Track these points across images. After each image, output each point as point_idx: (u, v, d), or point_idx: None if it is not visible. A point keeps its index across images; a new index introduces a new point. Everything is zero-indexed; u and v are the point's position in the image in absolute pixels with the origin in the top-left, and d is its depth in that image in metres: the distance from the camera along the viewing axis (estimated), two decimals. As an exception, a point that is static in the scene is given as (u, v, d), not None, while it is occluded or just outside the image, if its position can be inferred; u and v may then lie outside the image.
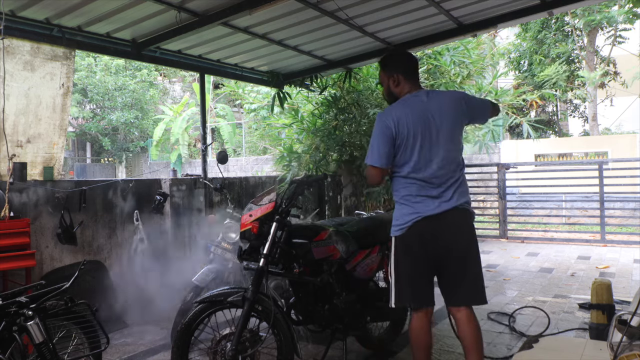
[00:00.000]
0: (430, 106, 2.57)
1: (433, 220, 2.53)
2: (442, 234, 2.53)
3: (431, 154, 2.54)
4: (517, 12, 4.61)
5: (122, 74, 20.43)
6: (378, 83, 6.90)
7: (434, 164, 2.54)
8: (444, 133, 2.55)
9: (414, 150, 2.54)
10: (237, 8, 3.91)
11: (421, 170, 2.54)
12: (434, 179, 2.54)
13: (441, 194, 2.54)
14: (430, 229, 2.53)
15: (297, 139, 7.24)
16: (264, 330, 2.62)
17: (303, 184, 2.90)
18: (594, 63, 16.73)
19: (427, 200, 2.54)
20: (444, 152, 2.55)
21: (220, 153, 3.93)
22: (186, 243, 5.02)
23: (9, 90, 3.93)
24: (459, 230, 2.57)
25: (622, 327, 2.52)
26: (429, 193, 2.55)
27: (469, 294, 2.57)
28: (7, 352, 2.17)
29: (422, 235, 2.54)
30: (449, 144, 2.57)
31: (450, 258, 2.56)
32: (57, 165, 4.34)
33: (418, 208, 2.55)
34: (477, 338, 2.56)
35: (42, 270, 3.99)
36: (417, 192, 2.56)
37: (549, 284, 5.43)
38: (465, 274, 2.56)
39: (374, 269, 3.28)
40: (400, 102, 2.66)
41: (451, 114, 2.58)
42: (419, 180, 2.55)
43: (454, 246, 2.55)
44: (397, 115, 2.56)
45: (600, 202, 8.12)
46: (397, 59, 2.79)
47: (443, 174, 2.55)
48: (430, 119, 2.55)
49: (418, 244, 2.55)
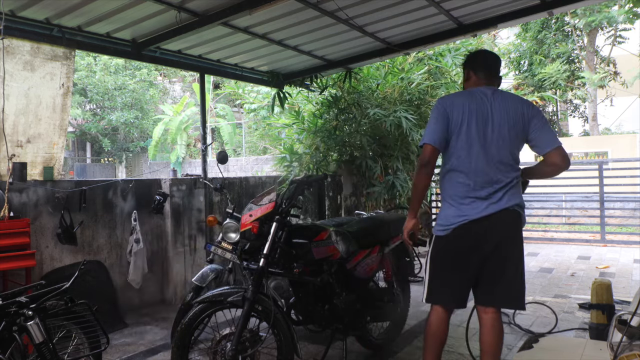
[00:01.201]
0: (494, 103, 2.50)
1: (479, 224, 2.45)
2: (488, 237, 2.46)
3: (483, 150, 2.45)
4: (517, 12, 4.61)
5: (121, 74, 20.43)
6: (378, 84, 6.97)
7: (484, 160, 2.45)
8: (500, 132, 2.46)
9: (465, 141, 2.46)
10: (237, 8, 3.91)
11: (469, 164, 2.46)
12: (482, 176, 2.46)
13: (490, 195, 2.46)
14: (476, 233, 2.46)
15: (297, 139, 7.24)
16: (264, 330, 2.62)
17: (303, 184, 2.90)
18: (594, 63, 16.73)
19: (476, 202, 2.46)
20: (496, 151, 2.45)
21: (220, 153, 3.92)
22: (186, 243, 5.02)
23: (9, 90, 3.93)
24: (506, 232, 2.48)
25: (622, 327, 2.52)
26: (477, 194, 2.46)
27: (504, 295, 2.51)
28: (7, 352, 2.17)
29: (468, 238, 2.48)
30: (504, 144, 2.47)
31: (494, 258, 2.49)
32: (57, 165, 4.34)
33: (465, 210, 2.47)
34: (498, 344, 2.52)
35: (42, 270, 3.99)
36: (465, 193, 2.48)
37: (549, 284, 5.43)
38: (504, 275, 2.49)
39: (374, 269, 3.28)
40: (463, 92, 2.63)
41: (512, 117, 2.48)
42: (466, 176, 2.47)
43: (500, 247, 2.48)
44: (454, 101, 2.52)
45: (600, 202, 8.12)
46: (473, 55, 2.77)
47: (493, 174, 2.46)
48: (488, 114, 2.47)
49: (463, 247, 2.50)
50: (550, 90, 16.05)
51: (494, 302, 2.54)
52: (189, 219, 5.05)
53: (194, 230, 5.09)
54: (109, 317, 4.23)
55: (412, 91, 6.90)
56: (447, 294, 2.57)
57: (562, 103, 19.07)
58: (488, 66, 2.66)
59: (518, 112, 2.50)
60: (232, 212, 3.60)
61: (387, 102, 6.87)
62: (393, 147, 6.91)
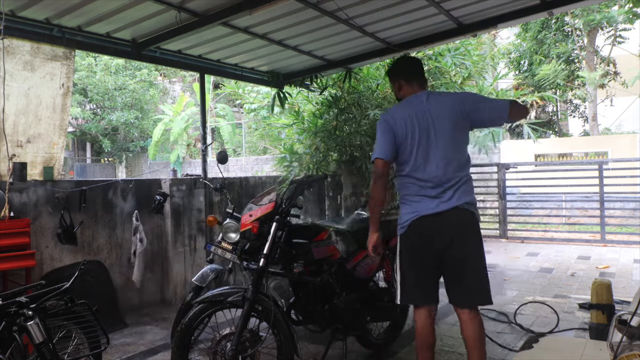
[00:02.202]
0: (430, 107, 2.61)
1: (431, 220, 2.55)
2: (441, 233, 2.54)
3: (429, 154, 2.56)
4: (517, 12, 4.61)
5: (122, 74, 20.43)
6: (378, 84, 6.97)
7: (432, 164, 2.56)
8: (443, 133, 2.56)
9: (412, 150, 2.58)
10: (237, 8, 3.90)
11: (419, 169, 2.58)
12: (432, 178, 2.56)
13: (440, 194, 2.55)
14: (428, 228, 2.55)
15: (297, 139, 7.24)
16: (264, 330, 2.62)
17: (303, 184, 2.90)
18: (594, 63, 16.73)
19: (426, 199, 2.57)
20: (442, 152, 2.56)
21: (220, 153, 3.92)
22: (186, 243, 5.02)
23: (9, 90, 3.93)
24: (459, 231, 2.55)
25: (622, 327, 2.53)
26: (427, 193, 2.57)
27: (470, 294, 2.57)
28: (7, 352, 2.17)
29: (421, 233, 2.57)
30: (449, 144, 2.57)
31: (450, 258, 2.56)
32: (57, 165, 4.34)
33: (416, 207, 2.59)
34: (479, 338, 2.57)
35: (42, 270, 3.99)
36: (416, 192, 2.60)
37: (549, 284, 5.43)
38: (465, 275, 2.55)
39: (374, 268, 3.28)
40: (401, 103, 2.72)
41: (451, 115, 2.59)
42: (418, 179, 2.58)
43: (453, 246, 2.54)
44: (396, 115, 2.63)
45: (600, 202, 8.12)
46: (397, 65, 2.87)
47: (442, 174, 2.55)
48: (428, 119, 2.58)
49: (418, 243, 2.59)
50: (550, 90, 16.04)
51: (463, 302, 2.59)
52: (189, 219, 5.05)
53: (194, 230, 5.09)
54: (109, 317, 4.23)
55: (412, 91, 6.89)
56: (416, 292, 2.64)
57: (562, 103, 19.07)
58: (414, 72, 2.76)
59: (455, 109, 2.61)
60: (232, 212, 3.60)
61: (387, 102, 6.86)
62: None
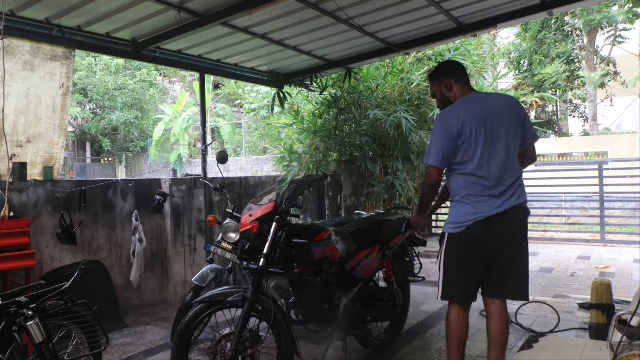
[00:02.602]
0: (493, 106, 2.64)
1: (495, 219, 2.57)
2: (503, 231, 2.58)
3: (493, 153, 2.58)
4: (517, 12, 4.61)
5: (122, 74, 20.42)
6: (378, 84, 6.97)
7: (497, 162, 2.58)
8: (506, 133, 2.60)
9: (477, 149, 2.57)
10: (237, 8, 3.91)
11: (483, 168, 2.58)
12: (495, 177, 2.58)
13: (503, 193, 2.58)
14: (492, 228, 2.58)
15: (297, 139, 7.24)
16: (264, 330, 2.62)
17: (303, 184, 2.90)
18: (594, 63, 16.74)
19: (491, 199, 2.58)
20: (505, 151, 2.59)
21: (220, 153, 3.92)
22: (186, 243, 5.02)
23: (9, 90, 3.93)
24: (517, 228, 2.63)
25: (622, 327, 2.52)
26: (492, 193, 2.58)
27: (513, 288, 2.65)
28: (7, 352, 2.17)
29: (484, 233, 2.58)
30: (509, 143, 2.61)
31: (504, 253, 2.61)
32: (57, 165, 4.34)
33: (481, 208, 2.58)
34: (505, 334, 2.68)
35: (42, 270, 3.99)
36: (480, 192, 2.59)
37: (549, 284, 5.43)
38: (515, 268, 2.63)
39: (374, 268, 3.28)
40: (460, 103, 2.70)
41: (513, 116, 2.63)
42: (482, 178, 2.59)
43: (511, 242, 2.61)
44: (459, 114, 2.60)
45: (600, 202, 8.12)
46: (445, 66, 2.89)
47: (504, 173, 2.58)
48: (493, 118, 2.60)
49: (477, 243, 2.60)
50: (550, 91, 16.05)
51: (503, 294, 2.67)
52: (189, 219, 5.05)
53: (194, 230, 5.09)
54: (109, 317, 4.23)
55: (412, 91, 6.90)
56: (461, 290, 2.68)
57: (562, 103, 19.07)
58: (463, 72, 2.80)
59: (516, 112, 2.66)
60: (232, 212, 3.60)
61: (387, 102, 6.87)
62: (393, 148, 6.91)
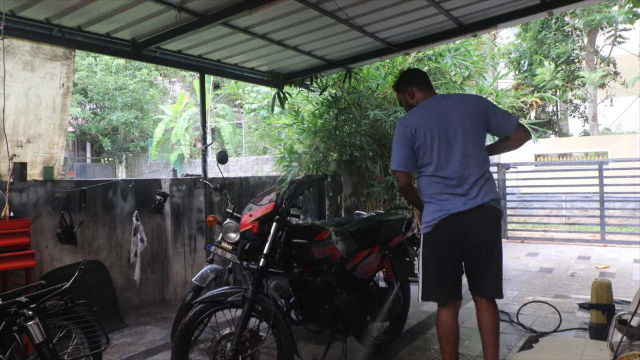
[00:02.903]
0: (448, 107, 2.70)
1: (460, 217, 2.61)
2: (470, 230, 2.62)
3: (451, 152, 2.64)
4: (517, 12, 4.61)
5: (122, 74, 20.42)
6: (378, 84, 6.97)
7: (455, 160, 2.63)
8: (463, 132, 2.65)
9: (434, 150, 2.65)
10: (237, 8, 3.91)
11: (443, 168, 2.65)
12: (455, 174, 2.63)
13: (467, 192, 2.62)
14: (458, 226, 2.62)
15: (297, 139, 7.23)
16: (264, 330, 2.62)
17: (303, 184, 2.90)
18: (594, 63, 16.73)
19: (454, 197, 2.63)
20: (463, 150, 2.63)
21: (220, 153, 3.92)
22: (186, 243, 5.02)
23: (9, 90, 3.93)
24: (486, 227, 2.64)
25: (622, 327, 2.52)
26: (454, 191, 2.63)
27: (490, 287, 2.71)
28: (7, 352, 2.17)
29: (450, 231, 2.63)
30: (469, 142, 2.65)
31: (476, 253, 2.66)
32: (57, 165, 4.34)
33: (445, 205, 2.64)
34: (495, 325, 2.72)
35: (42, 270, 3.99)
36: (443, 190, 2.66)
37: (549, 284, 5.43)
38: (489, 269, 2.68)
39: (374, 268, 3.28)
40: (417, 107, 2.79)
41: (470, 114, 2.68)
42: (443, 178, 2.65)
43: (481, 242, 2.64)
44: (414, 119, 2.70)
45: (600, 202, 8.12)
46: (406, 75, 2.97)
47: (465, 171, 2.63)
48: (448, 119, 2.66)
49: (445, 241, 2.66)
50: (549, 91, 16.05)
51: (484, 294, 2.73)
52: (189, 219, 5.05)
53: (194, 230, 5.08)
54: (109, 317, 4.24)
55: (412, 91, 6.89)
56: (439, 291, 2.72)
57: (562, 103, 19.07)
58: (424, 78, 2.90)
59: (475, 109, 2.71)
60: (232, 212, 3.60)
61: (387, 102, 6.86)
62: (393, 148, 6.90)
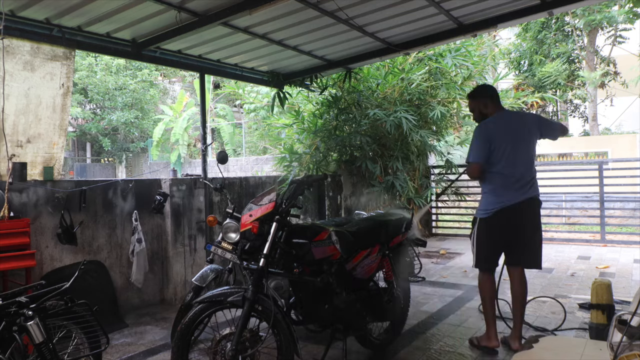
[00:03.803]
0: (513, 122, 3.52)
1: (513, 208, 3.39)
2: (520, 216, 3.41)
3: (515, 157, 3.41)
4: (517, 12, 4.62)
5: (122, 74, 20.43)
6: (378, 84, 6.97)
7: (518, 165, 3.41)
8: (523, 142, 3.45)
9: (503, 154, 3.40)
10: (237, 8, 3.91)
11: (508, 168, 3.40)
12: (517, 175, 3.40)
13: (520, 188, 3.41)
14: (510, 215, 3.40)
15: (297, 139, 7.24)
16: (264, 330, 2.62)
17: (303, 184, 2.90)
18: (594, 63, 16.73)
19: (510, 192, 3.40)
20: (523, 157, 3.44)
21: (220, 153, 3.92)
22: (186, 243, 5.02)
23: (9, 90, 3.93)
24: (532, 214, 3.46)
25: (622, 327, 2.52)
26: (512, 187, 3.40)
27: (531, 257, 3.48)
28: (7, 352, 2.17)
29: (503, 218, 3.41)
30: (527, 151, 3.45)
31: (522, 234, 3.43)
32: (57, 165, 4.34)
33: (502, 198, 3.41)
34: (524, 291, 3.51)
35: (42, 270, 3.99)
36: (503, 184, 3.42)
37: (549, 284, 5.43)
38: (532, 241, 3.46)
39: (374, 268, 3.28)
40: (494, 117, 3.53)
41: (528, 129, 3.49)
42: (506, 175, 3.40)
43: (526, 225, 3.42)
44: (492, 127, 3.48)
45: (600, 202, 8.11)
46: (484, 88, 3.73)
47: (522, 172, 3.42)
48: (514, 131, 3.45)
49: (499, 225, 3.43)
50: (550, 91, 16.04)
51: (524, 264, 3.51)
52: (189, 219, 5.05)
53: (194, 230, 5.09)
54: (109, 317, 4.23)
55: (412, 91, 6.90)
56: (487, 262, 3.52)
57: (562, 103, 19.07)
58: (496, 94, 3.64)
59: (528, 123, 3.52)
60: (232, 212, 3.60)
61: (387, 102, 6.87)
62: (393, 148, 6.91)
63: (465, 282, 5.54)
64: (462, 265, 6.54)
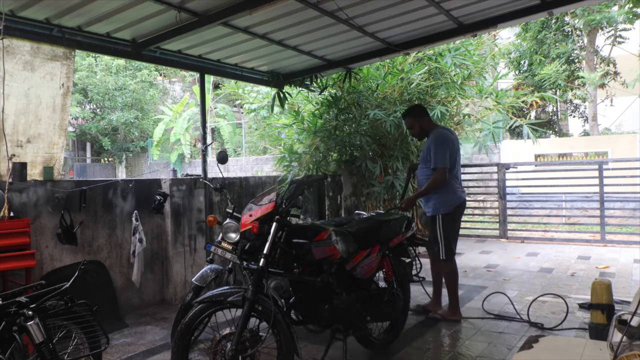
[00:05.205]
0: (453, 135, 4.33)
1: (462, 204, 4.27)
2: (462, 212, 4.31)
3: (459, 164, 4.27)
4: (517, 12, 4.62)
5: (122, 74, 20.43)
6: (378, 84, 6.97)
7: (459, 170, 4.27)
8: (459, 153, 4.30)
9: (456, 160, 4.20)
10: (237, 8, 3.91)
11: (458, 172, 4.27)
12: (460, 179, 4.30)
13: (462, 188, 4.32)
14: (462, 209, 4.28)
15: (297, 139, 7.24)
16: (264, 330, 2.62)
17: (303, 184, 2.90)
18: (594, 63, 16.73)
19: (459, 191, 4.26)
20: (459, 164, 4.28)
21: (220, 153, 3.92)
22: (186, 243, 5.02)
23: (9, 90, 3.93)
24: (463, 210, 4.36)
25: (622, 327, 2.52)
26: (460, 187, 4.28)
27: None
28: (7, 352, 2.17)
29: (459, 212, 4.23)
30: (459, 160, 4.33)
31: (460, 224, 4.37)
32: (57, 165, 4.34)
33: (460, 194, 4.24)
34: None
35: (42, 270, 3.99)
36: (457, 187, 4.22)
37: (549, 284, 5.43)
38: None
39: (374, 269, 3.28)
40: (445, 129, 4.31)
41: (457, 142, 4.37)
42: (457, 179, 4.24)
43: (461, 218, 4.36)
44: (451, 136, 4.23)
45: (600, 202, 8.11)
46: (420, 107, 4.41)
47: (460, 177, 4.32)
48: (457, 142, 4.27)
49: (458, 218, 4.27)
50: (550, 91, 16.03)
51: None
52: (189, 219, 5.05)
53: (194, 230, 5.09)
54: (109, 317, 4.23)
55: (412, 91, 6.90)
56: (454, 249, 4.23)
57: (562, 103, 19.06)
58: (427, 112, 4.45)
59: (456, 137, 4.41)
60: (232, 212, 3.60)
61: (387, 102, 6.87)
62: (393, 148, 6.91)
63: (465, 282, 5.54)
64: (461, 265, 6.53)
